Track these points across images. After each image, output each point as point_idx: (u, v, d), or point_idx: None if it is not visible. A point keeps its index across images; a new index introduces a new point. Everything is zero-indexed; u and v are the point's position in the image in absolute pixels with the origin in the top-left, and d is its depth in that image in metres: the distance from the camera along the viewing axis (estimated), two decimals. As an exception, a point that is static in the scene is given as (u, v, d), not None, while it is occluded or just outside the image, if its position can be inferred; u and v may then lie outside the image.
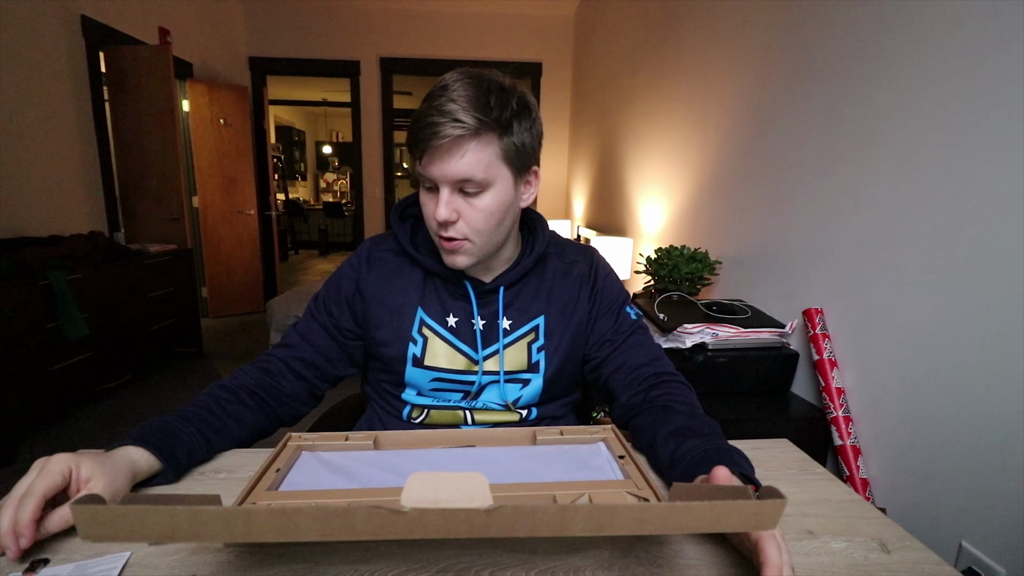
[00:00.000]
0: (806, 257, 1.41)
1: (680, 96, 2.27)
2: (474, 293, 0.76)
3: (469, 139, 0.63)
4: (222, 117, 3.97)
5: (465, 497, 0.33)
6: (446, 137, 0.61)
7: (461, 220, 0.67)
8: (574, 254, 0.84)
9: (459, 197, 0.67)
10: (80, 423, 2.29)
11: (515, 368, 0.77)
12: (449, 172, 0.64)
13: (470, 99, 0.62)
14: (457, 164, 0.63)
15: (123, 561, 0.47)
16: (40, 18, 2.48)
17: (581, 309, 0.80)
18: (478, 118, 0.62)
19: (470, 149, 0.63)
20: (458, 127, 0.61)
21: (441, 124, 0.61)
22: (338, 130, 10.04)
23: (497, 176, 0.67)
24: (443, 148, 0.63)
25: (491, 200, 0.67)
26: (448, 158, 0.63)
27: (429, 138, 0.62)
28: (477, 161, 0.64)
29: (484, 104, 0.63)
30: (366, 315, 0.78)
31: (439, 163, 0.64)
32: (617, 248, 2.59)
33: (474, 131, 0.62)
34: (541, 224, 0.82)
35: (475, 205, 0.67)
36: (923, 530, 1.02)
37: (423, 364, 0.75)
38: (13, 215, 2.36)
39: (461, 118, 0.61)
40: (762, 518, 0.35)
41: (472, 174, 0.64)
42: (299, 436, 0.67)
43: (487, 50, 4.58)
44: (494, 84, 0.65)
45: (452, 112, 0.61)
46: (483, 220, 0.68)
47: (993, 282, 0.91)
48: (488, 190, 0.67)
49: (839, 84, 1.29)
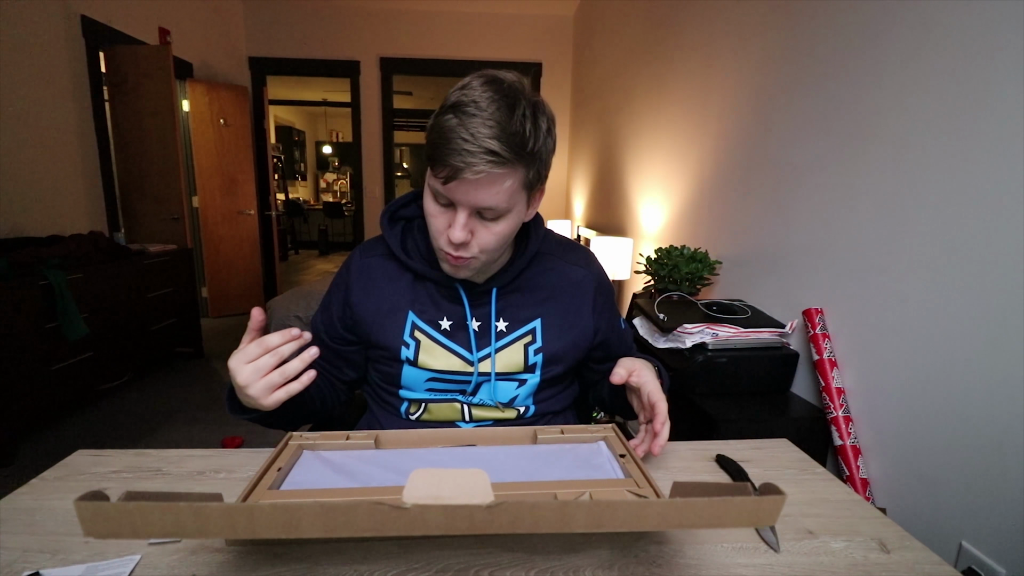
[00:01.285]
0: (806, 257, 1.41)
1: (680, 96, 2.27)
2: (467, 296, 0.76)
3: (499, 174, 0.60)
4: (222, 117, 3.97)
5: (467, 494, 0.33)
6: (479, 173, 0.58)
7: (474, 240, 0.66)
8: (573, 257, 0.84)
9: (475, 219, 0.65)
10: (80, 423, 2.29)
11: (511, 369, 0.77)
12: (475, 200, 0.62)
13: (505, 127, 0.58)
14: (486, 196, 0.61)
15: (133, 564, 0.47)
16: (40, 18, 2.48)
17: (583, 320, 0.81)
18: (515, 153, 0.59)
19: (499, 182, 0.61)
20: (494, 163, 0.59)
21: (475, 155, 0.58)
22: (338, 130, 10.04)
23: (516, 203, 0.65)
24: (473, 180, 0.60)
25: (506, 225, 0.66)
26: (477, 189, 0.61)
27: (461, 168, 0.58)
28: (505, 192, 0.62)
29: (519, 133, 0.59)
30: (357, 323, 0.79)
31: (465, 190, 0.61)
32: (617, 248, 2.59)
33: (506, 165, 0.60)
34: (536, 224, 0.81)
35: (491, 228, 0.65)
36: (923, 530, 1.02)
37: (418, 364, 0.76)
38: (13, 215, 2.36)
39: (498, 152, 0.58)
40: (762, 514, 0.35)
41: (497, 204, 0.63)
42: (300, 435, 0.67)
43: (487, 50, 4.58)
44: (527, 104, 0.61)
45: (488, 144, 0.58)
46: (496, 242, 0.67)
47: (993, 282, 0.91)
48: (506, 216, 0.66)
49: (839, 84, 1.29)
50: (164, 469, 0.66)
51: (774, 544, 0.52)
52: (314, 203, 9.55)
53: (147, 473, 0.65)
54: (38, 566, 0.47)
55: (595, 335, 0.82)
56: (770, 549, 0.52)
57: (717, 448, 0.74)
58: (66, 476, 0.63)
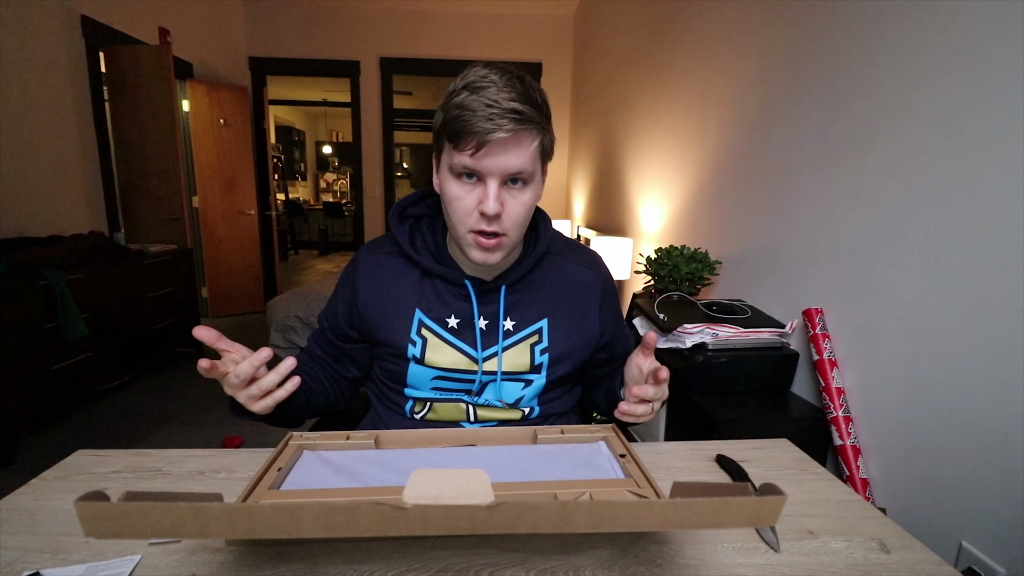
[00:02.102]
0: (806, 257, 1.41)
1: (680, 96, 2.27)
2: (475, 293, 0.76)
3: (525, 133, 0.63)
4: (222, 117, 3.96)
5: (467, 494, 0.33)
6: (509, 131, 0.60)
7: (504, 214, 0.66)
8: (582, 258, 0.84)
9: (503, 190, 0.66)
10: (80, 423, 2.29)
11: (518, 369, 0.77)
12: (505, 165, 0.63)
13: (521, 93, 0.62)
14: (515, 157, 0.63)
15: (133, 564, 0.47)
16: (40, 18, 2.48)
17: (589, 321, 0.81)
18: (535, 111, 0.63)
19: (527, 142, 0.63)
20: (520, 121, 0.61)
21: (501, 117, 0.60)
22: (338, 130, 10.04)
23: (537, 171, 0.67)
24: (502, 142, 0.62)
25: (531, 194, 0.68)
26: (506, 151, 0.62)
27: (491, 130, 0.60)
28: (529, 154, 0.64)
29: (533, 99, 0.63)
30: (363, 321, 0.79)
31: (495, 156, 0.62)
32: (617, 248, 2.59)
33: (532, 125, 0.63)
34: (545, 222, 0.81)
35: (519, 198, 0.66)
36: (923, 530, 1.02)
37: (424, 362, 0.75)
38: (13, 215, 2.36)
39: (522, 111, 0.61)
40: (762, 514, 0.35)
41: (525, 167, 0.64)
42: (300, 435, 0.67)
43: (487, 50, 4.58)
44: (529, 81, 0.65)
45: (511, 105, 0.61)
46: (523, 214, 0.68)
47: (993, 282, 0.91)
48: (531, 184, 0.67)
49: (839, 84, 1.29)
50: (164, 469, 0.66)
51: (774, 544, 0.52)
52: (314, 203, 9.54)
53: (147, 473, 0.65)
54: (38, 566, 0.47)
55: (600, 337, 0.83)
56: (770, 549, 0.52)
57: (717, 448, 0.74)
58: (66, 476, 0.63)
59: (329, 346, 0.84)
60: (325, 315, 0.84)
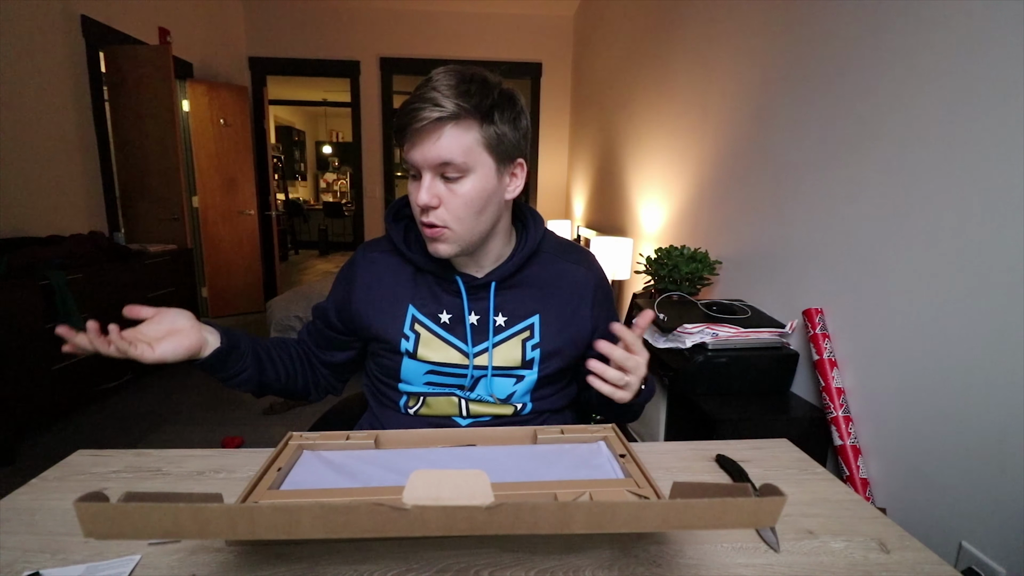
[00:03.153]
0: (806, 257, 1.41)
1: (680, 96, 2.27)
2: (465, 288, 0.77)
3: (447, 122, 0.65)
4: (222, 117, 3.96)
5: (467, 494, 0.33)
6: (424, 120, 0.64)
7: (442, 207, 0.69)
8: (574, 257, 0.85)
9: (440, 183, 0.68)
10: (80, 423, 2.29)
11: (509, 364, 0.78)
12: (428, 155, 0.66)
13: (451, 87, 0.65)
14: (435, 146, 0.65)
15: (133, 564, 0.47)
16: (40, 18, 2.48)
17: (581, 319, 0.82)
18: (457, 103, 0.64)
19: (448, 132, 0.65)
20: (436, 110, 0.64)
21: (421, 108, 0.64)
22: (338, 130, 10.03)
23: (478, 163, 0.68)
24: (423, 131, 0.65)
25: (471, 187, 0.68)
26: (427, 141, 0.65)
27: (410, 123, 0.64)
28: (457, 145, 0.66)
29: (464, 92, 0.65)
30: (357, 317, 0.80)
31: (419, 147, 0.66)
32: (617, 248, 2.59)
33: (452, 115, 0.64)
34: (535, 220, 0.82)
35: (455, 191, 0.68)
36: (923, 530, 1.02)
37: (417, 356, 0.77)
38: (13, 215, 2.36)
39: (440, 103, 0.64)
40: (762, 515, 0.35)
41: (451, 157, 0.66)
42: (300, 435, 0.67)
43: (487, 50, 4.58)
44: (477, 76, 0.67)
45: (432, 98, 0.64)
46: (463, 207, 0.69)
47: (993, 282, 0.91)
48: (468, 176, 0.68)
49: (839, 83, 1.29)
50: (164, 469, 0.66)
51: (774, 544, 0.52)
52: (314, 203, 9.54)
53: (147, 473, 0.65)
54: (38, 566, 0.47)
55: (593, 334, 0.83)
56: (770, 549, 0.52)
57: (717, 448, 0.74)
58: (66, 476, 0.63)
59: (316, 333, 0.87)
60: (318, 307, 0.88)
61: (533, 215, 0.83)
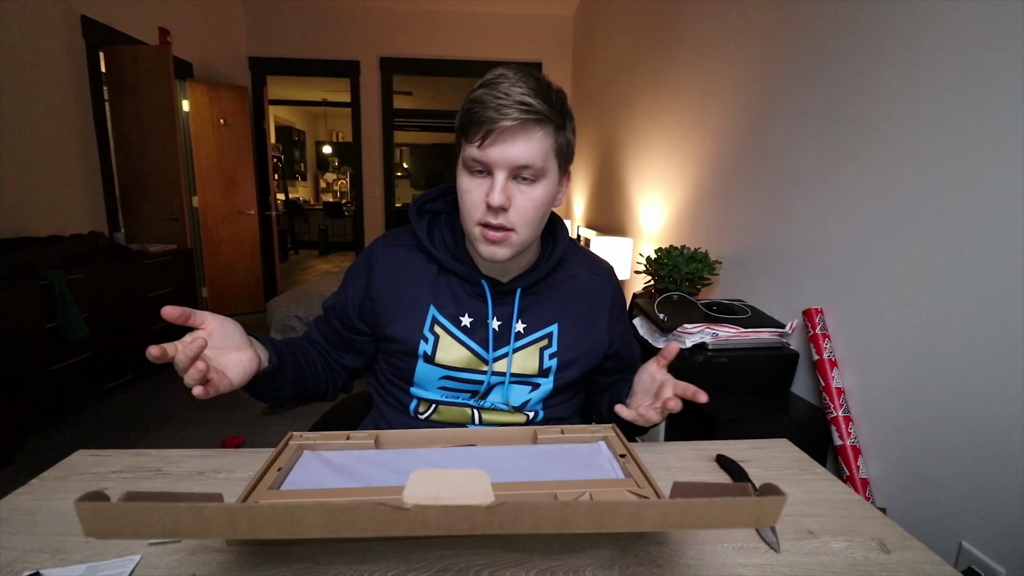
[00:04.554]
0: (806, 257, 1.41)
1: (680, 96, 2.27)
2: (491, 293, 0.76)
3: (535, 125, 0.63)
4: (222, 117, 3.96)
5: (467, 494, 0.33)
6: (515, 120, 0.61)
7: (512, 208, 0.67)
8: (595, 267, 0.85)
9: (512, 184, 0.66)
10: (80, 423, 2.29)
11: (526, 372, 0.77)
12: (511, 156, 0.64)
13: (534, 90, 0.63)
14: (522, 148, 0.63)
15: (133, 564, 0.47)
16: (40, 18, 2.48)
17: (599, 331, 0.82)
18: (546, 107, 0.63)
19: (536, 135, 0.64)
20: (527, 112, 0.62)
21: (509, 107, 0.61)
22: (338, 130, 10.03)
23: (550, 168, 0.67)
24: (509, 131, 0.62)
25: (542, 191, 0.67)
26: (513, 142, 0.63)
27: (497, 119, 0.61)
28: (539, 148, 0.64)
29: (547, 97, 0.64)
30: (376, 314, 0.78)
31: (502, 146, 0.63)
32: (617, 248, 2.59)
33: (542, 118, 0.63)
34: (562, 228, 0.82)
35: (527, 194, 0.67)
36: (923, 530, 1.02)
37: (434, 361, 0.75)
38: (13, 215, 2.35)
39: (531, 103, 0.62)
40: (762, 515, 0.35)
41: (533, 160, 0.64)
42: (300, 435, 0.67)
43: (487, 50, 4.58)
44: (546, 81, 0.66)
45: (522, 98, 0.62)
46: (533, 211, 0.67)
47: (993, 282, 0.91)
48: (541, 180, 0.67)
49: (839, 84, 1.29)
50: (164, 469, 0.66)
51: (774, 544, 0.52)
52: (314, 203, 9.54)
53: (147, 473, 0.65)
54: (38, 566, 0.47)
55: (609, 347, 0.83)
56: (770, 549, 0.52)
57: (717, 448, 0.74)
58: (66, 476, 0.63)
59: (333, 334, 0.82)
60: (333, 301, 0.83)
61: (559, 222, 0.82)
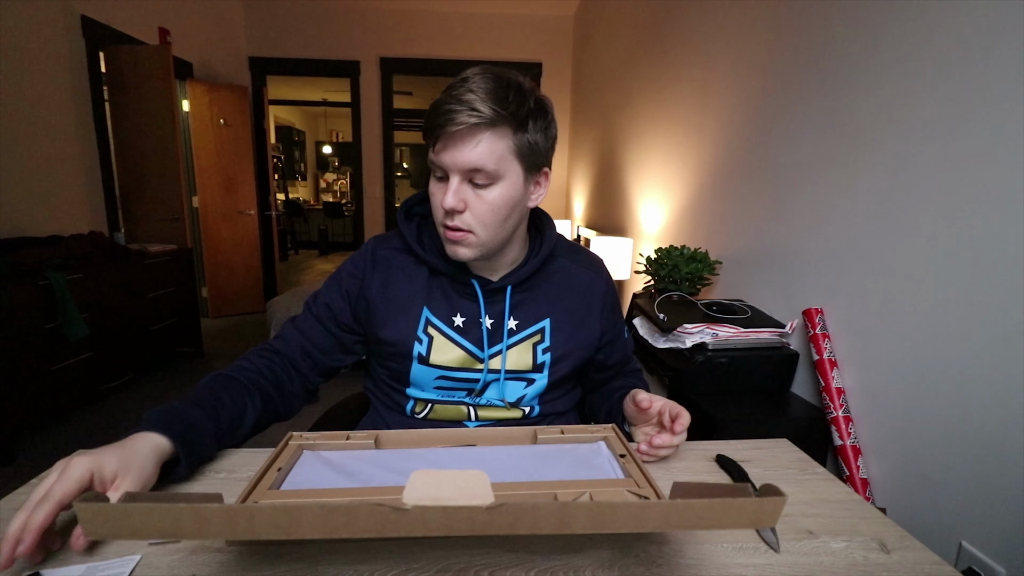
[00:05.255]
0: (806, 257, 1.41)
1: (680, 96, 2.27)
2: (481, 292, 0.76)
3: (484, 129, 0.63)
4: (222, 117, 3.96)
5: (467, 495, 0.33)
6: (461, 124, 0.62)
7: (468, 211, 0.67)
8: (584, 261, 0.85)
9: (468, 188, 0.67)
10: (80, 423, 2.29)
11: (520, 368, 0.77)
12: (461, 160, 0.64)
13: (489, 91, 0.63)
14: (469, 153, 0.64)
15: (133, 564, 0.47)
16: (40, 18, 2.48)
17: (591, 323, 0.82)
18: (495, 109, 0.63)
19: (484, 139, 0.64)
20: (474, 116, 0.62)
21: (457, 112, 0.62)
22: (338, 130, 10.03)
23: (508, 170, 0.67)
24: (457, 135, 0.63)
25: (499, 194, 0.67)
26: (461, 146, 0.64)
27: (444, 124, 0.62)
28: (490, 152, 0.64)
29: (502, 97, 0.63)
30: (369, 315, 0.78)
31: (451, 150, 0.64)
32: (617, 248, 2.59)
33: (489, 121, 0.63)
34: (549, 225, 0.82)
35: (483, 197, 0.67)
36: (923, 530, 1.02)
37: (428, 362, 0.75)
38: (13, 215, 2.35)
39: (478, 107, 0.62)
40: (762, 515, 0.35)
41: (483, 164, 0.64)
42: (300, 435, 0.67)
43: (487, 50, 4.58)
44: (513, 81, 0.66)
45: (470, 101, 0.62)
46: (489, 213, 0.68)
47: (993, 282, 0.91)
48: (497, 183, 0.67)
49: (838, 84, 1.29)
50: (164, 469, 0.66)
51: (774, 544, 0.52)
52: (314, 203, 9.54)
53: (147, 473, 0.65)
54: (38, 566, 0.47)
55: (602, 337, 0.84)
56: (770, 549, 0.52)
57: (717, 448, 0.74)
58: (66, 476, 0.63)
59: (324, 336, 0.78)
60: (324, 298, 0.80)
61: (547, 219, 0.83)
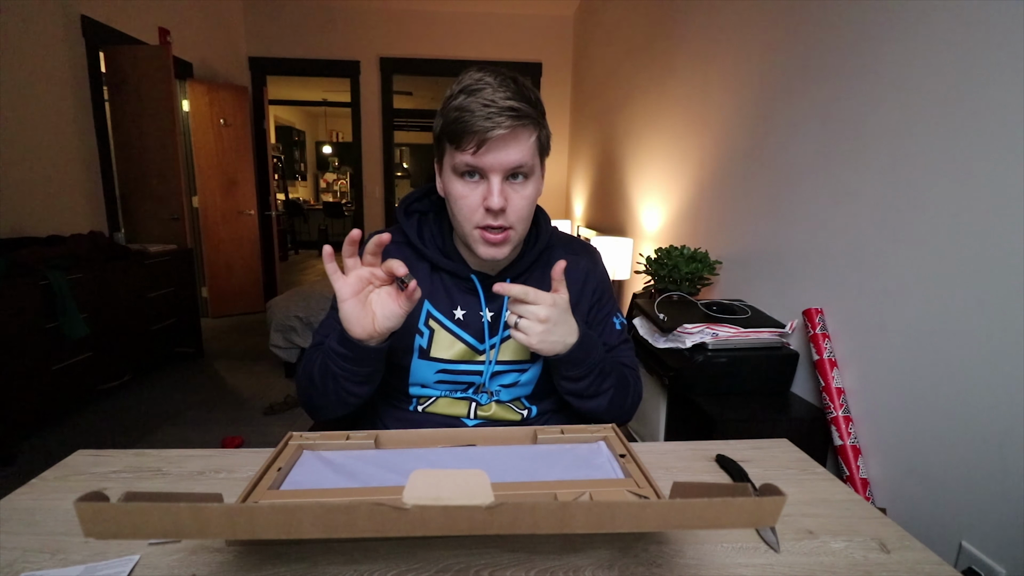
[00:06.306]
0: (806, 257, 1.41)
1: (680, 96, 2.27)
2: (481, 286, 0.78)
3: (523, 127, 0.66)
4: (222, 117, 3.96)
5: (467, 494, 0.33)
6: (507, 128, 0.63)
7: (509, 208, 0.68)
8: (577, 250, 0.86)
9: (507, 185, 0.68)
10: (80, 423, 2.29)
11: (517, 357, 0.78)
12: (506, 160, 0.66)
13: (514, 91, 0.65)
14: (514, 152, 0.66)
15: (133, 564, 0.47)
16: (40, 18, 2.48)
17: (582, 307, 0.83)
18: (527, 107, 0.65)
19: (523, 137, 0.66)
20: (516, 117, 0.64)
21: (499, 115, 0.63)
22: (338, 130, 10.04)
23: (536, 164, 0.70)
24: (500, 137, 0.64)
25: (533, 188, 0.70)
26: (504, 147, 0.65)
27: (490, 128, 0.63)
28: (527, 148, 0.67)
29: (526, 96, 0.66)
30: None
31: (496, 152, 0.65)
32: (617, 248, 2.59)
33: (527, 120, 0.66)
34: (544, 218, 0.84)
35: (521, 192, 0.69)
36: (923, 530, 1.02)
37: (429, 356, 0.77)
38: (13, 215, 2.35)
39: (517, 108, 0.64)
40: (762, 515, 0.35)
41: (524, 161, 0.67)
42: (300, 435, 0.67)
43: (487, 50, 4.58)
44: (519, 79, 0.68)
45: (507, 103, 0.64)
46: (527, 207, 0.70)
47: (993, 282, 0.91)
48: (531, 178, 0.70)
49: (838, 84, 1.29)
50: (164, 469, 0.66)
51: (774, 544, 0.52)
52: (314, 203, 9.55)
53: (147, 473, 0.65)
54: (38, 566, 0.47)
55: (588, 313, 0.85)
56: (770, 549, 0.52)
57: (717, 448, 0.74)
58: (66, 476, 0.63)
59: None
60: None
61: (542, 212, 0.84)
